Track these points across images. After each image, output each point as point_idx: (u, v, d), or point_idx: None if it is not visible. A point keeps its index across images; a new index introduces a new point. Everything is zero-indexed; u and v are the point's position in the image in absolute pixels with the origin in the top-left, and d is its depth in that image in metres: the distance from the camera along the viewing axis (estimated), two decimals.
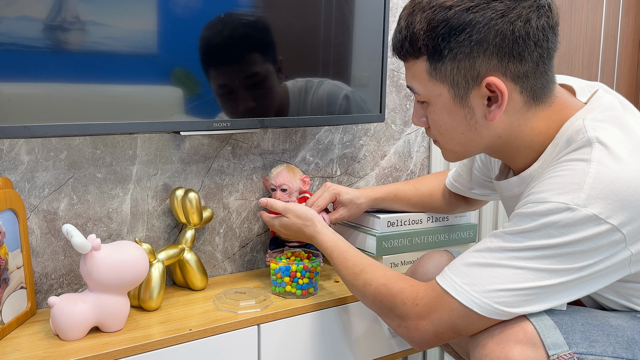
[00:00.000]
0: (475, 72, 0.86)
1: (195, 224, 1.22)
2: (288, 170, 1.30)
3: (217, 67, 1.18)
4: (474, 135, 0.91)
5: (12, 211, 1.04)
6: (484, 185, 1.24)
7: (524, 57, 0.85)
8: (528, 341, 0.82)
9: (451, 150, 0.97)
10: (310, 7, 1.28)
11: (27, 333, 1.03)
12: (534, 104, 0.89)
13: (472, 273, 0.85)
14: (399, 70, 1.59)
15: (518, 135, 0.91)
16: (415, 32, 0.87)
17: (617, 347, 0.84)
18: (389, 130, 1.60)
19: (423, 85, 0.91)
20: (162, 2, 1.09)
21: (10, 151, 1.09)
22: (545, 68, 0.88)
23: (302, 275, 1.18)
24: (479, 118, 0.89)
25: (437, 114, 0.92)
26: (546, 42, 0.86)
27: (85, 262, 1.00)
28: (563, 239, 0.80)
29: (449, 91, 0.88)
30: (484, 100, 0.88)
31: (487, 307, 0.83)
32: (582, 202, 0.79)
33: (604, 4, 2.20)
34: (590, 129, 0.84)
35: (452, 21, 0.84)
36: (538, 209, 0.82)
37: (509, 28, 0.83)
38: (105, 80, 1.06)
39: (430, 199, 1.34)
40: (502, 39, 0.83)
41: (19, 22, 0.97)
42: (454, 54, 0.85)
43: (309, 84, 1.32)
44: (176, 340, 1.01)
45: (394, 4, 1.55)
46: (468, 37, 0.84)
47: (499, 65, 0.85)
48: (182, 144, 1.27)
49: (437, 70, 0.88)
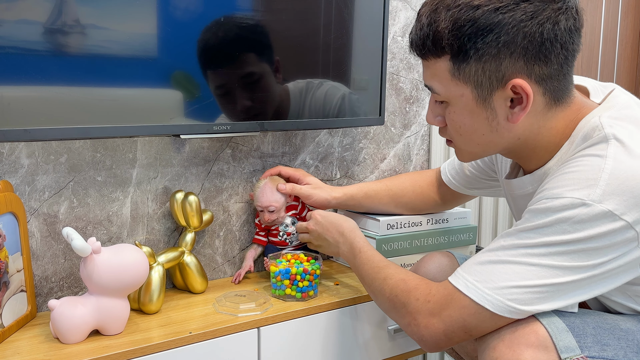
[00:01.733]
0: (500, 73, 0.84)
1: (195, 227, 1.22)
2: (271, 187, 1.27)
3: (216, 70, 1.18)
4: (494, 136, 0.90)
5: (13, 214, 1.04)
6: (480, 183, 1.23)
7: (550, 59, 0.83)
8: (540, 344, 0.81)
9: (468, 152, 0.95)
10: (310, 11, 1.29)
11: (27, 336, 1.03)
12: (554, 105, 0.88)
13: (484, 270, 0.84)
14: (399, 73, 1.59)
15: (537, 137, 0.90)
16: (440, 30, 0.85)
17: (628, 351, 0.83)
18: (389, 133, 1.60)
19: (444, 85, 0.89)
20: (161, 5, 1.10)
21: (11, 154, 1.09)
22: (568, 70, 0.87)
23: (302, 278, 1.18)
24: (501, 120, 0.88)
25: (458, 115, 0.90)
26: (572, 45, 0.85)
27: (86, 265, 1.00)
28: (577, 234, 0.79)
29: (472, 92, 0.87)
30: (507, 102, 0.86)
31: (499, 305, 0.82)
32: (597, 197, 0.78)
33: (603, 6, 2.20)
34: (607, 126, 0.83)
35: (480, 21, 0.82)
36: (552, 205, 0.80)
37: (537, 30, 0.82)
38: (105, 84, 1.06)
39: (403, 199, 1.32)
40: (531, 41, 0.82)
41: (19, 26, 0.97)
42: (480, 55, 0.83)
43: (310, 85, 1.32)
44: (176, 344, 1.01)
45: (394, 7, 1.55)
46: (496, 39, 0.82)
47: (524, 67, 0.83)
48: (182, 147, 1.27)
49: (460, 70, 0.86)
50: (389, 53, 1.55)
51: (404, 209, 1.34)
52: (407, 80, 1.61)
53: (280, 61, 1.25)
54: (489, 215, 1.83)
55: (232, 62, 1.19)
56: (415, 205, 1.34)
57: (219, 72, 1.18)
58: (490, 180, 1.21)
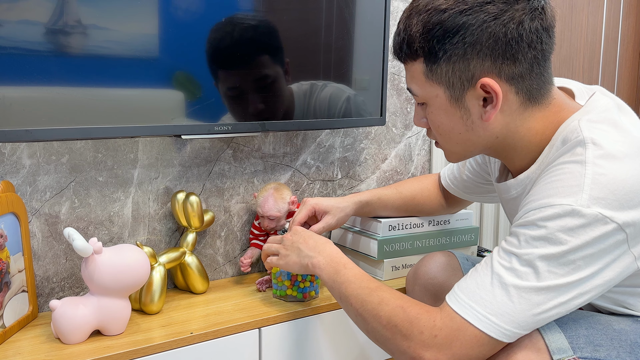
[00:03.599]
0: (469, 73, 0.87)
1: (197, 228, 1.22)
2: (276, 196, 1.26)
3: (217, 72, 1.18)
4: (471, 135, 0.92)
5: (14, 215, 1.04)
6: (478, 188, 1.23)
7: (517, 58, 0.85)
8: (532, 346, 0.81)
9: (452, 152, 0.98)
10: (311, 11, 1.29)
11: (29, 336, 1.03)
12: (530, 105, 0.89)
13: (495, 301, 0.81)
14: (400, 73, 1.59)
15: (515, 136, 0.91)
16: (412, 34, 0.89)
17: (620, 352, 0.84)
18: (390, 133, 1.60)
19: (420, 86, 0.92)
20: (163, 6, 1.10)
21: (12, 155, 1.09)
22: (541, 69, 0.88)
23: (304, 278, 1.18)
24: (475, 118, 0.90)
25: (435, 115, 0.93)
26: (540, 44, 0.86)
27: (87, 266, 1.00)
28: (574, 242, 0.78)
29: (445, 92, 0.90)
30: (479, 101, 0.88)
31: (514, 336, 0.82)
32: (585, 202, 0.78)
33: (605, 7, 2.20)
34: (585, 130, 0.84)
35: (446, 24, 0.85)
36: (544, 215, 0.80)
37: (501, 30, 0.84)
38: (106, 84, 1.06)
39: (414, 202, 1.33)
40: (495, 41, 0.84)
41: (21, 26, 0.97)
42: (448, 55, 0.87)
43: (314, 87, 1.32)
44: (177, 344, 1.01)
45: (395, 7, 1.55)
46: (462, 39, 0.85)
47: (492, 66, 0.86)
48: (183, 147, 1.27)
49: (432, 71, 0.89)
50: (390, 53, 1.55)
51: (414, 212, 1.35)
52: None
53: (281, 62, 1.25)
54: (490, 216, 1.83)
55: (232, 64, 1.19)
56: (424, 208, 1.35)
57: (219, 74, 1.18)
58: (486, 184, 1.21)
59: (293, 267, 1.06)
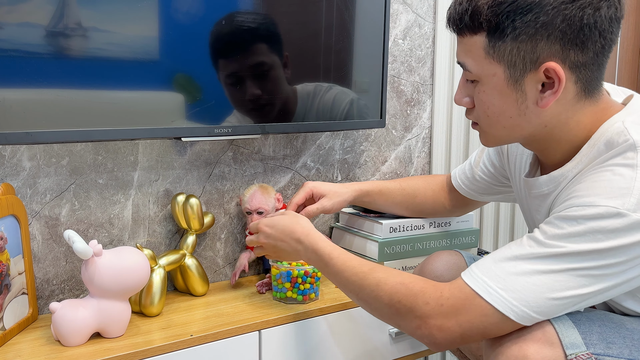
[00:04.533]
0: (535, 55, 0.83)
1: (197, 230, 1.22)
2: (262, 192, 1.28)
3: (218, 74, 1.18)
4: (521, 120, 0.88)
5: (14, 217, 1.04)
6: (490, 189, 1.22)
7: (587, 46, 0.82)
8: (546, 340, 0.80)
9: (493, 135, 0.93)
10: (311, 14, 1.29)
11: (29, 339, 1.03)
12: (584, 97, 0.86)
13: (510, 279, 0.81)
14: (400, 76, 1.59)
15: (563, 128, 0.88)
16: (479, 5, 0.83)
17: (633, 350, 0.83)
18: (390, 135, 1.60)
19: (477, 62, 0.87)
20: (163, 8, 1.10)
21: (12, 157, 1.10)
22: (603, 60, 0.85)
23: (304, 280, 1.18)
24: (530, 103, 0.86)
25: (487, 95, 0.88)
26: (610, 34, 0.83)
27: (87, 268, 1.00)
28: (611, 243, 0.77)
29: (505, 72, 0.85)
30: (538, 86, 0.85)
31: (524, 316, 0.80)
32: (632, 207, 0.77)
33: None
34: (634, 133, 0.82)
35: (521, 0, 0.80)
36: (586, 213, 0.78)
37: (578, 14, 0.80)
38: (106, 87, 1.06)
39: (415, 200, 1.31)
40: (569, 25, 0.80)
41: (21, 29, 0.97)
42: (516, 33, 0.82)
43: (318, 89, 1.32)
44: (177, 346, 1.01)
45: (394, 10, 1.55)
46: (534, 18, 0.81)
47: (560, 51, 0.82)
48: (183, 149, 1.28)
49: (495, 48, 0.84)
50: (390, 56, 1.55)
51: (414, 211, 1.33)
52: (408, 83, 1.61)
53: (282, 64, 1.26)
54: (490, 219, 1.82)
55: (232, 65, 1.19)
56: (425, 208, 1.33)
57: (219, 76, 1.19)
58: (500, 186, 1.20)
59: (289, 261, 1.14)
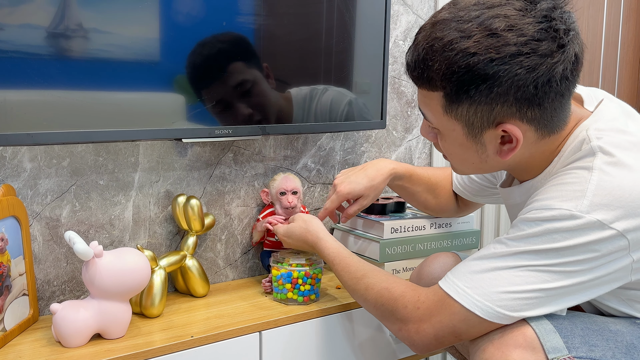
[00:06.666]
0: (492, 117, 0.84)
1: (197, 231, 1.23)
2: (292, 176, 1.31)
3: (218, 75, 1.18)
4: (484, 165, 0.92)
5: (15, 218, 1.04)
6: (484, 191, 1.23)
7: (543, 104, 0.83)
8: (528, 345, 0.82)
9: (460, 170, 0.99)
10: (311, 15, 1.29)
11: (29, 340, 1.03)
12: (547, 136, 0.88)
13: (475, 277, 0.85)
14: (400, 77, 1.59)
15: (528, 160, 0.91)
16: (434, 70, 0.83)
17: (616, 352, 0.84)
18: (390, 136, 1.60)
19: (436, 117, 0.89)
20: (164, 10, 1.10)
21: (13, 158, 1.10)
22: (564, 104, 0.86)
23: (304, 281, 1.18)
24: (491, 153, 0.89)
25: (449, 144, 0.92)
26: (567, 90, 0.84)
27: (88, 269, 1.00)
28: (567, 242, 0.81)
29: (463, 129, 0.87)
30: (497, 140, 0.87)
31: (488, 311, 0.84)
32: (585, 208, 0.80)
33: (605, 11, 2.21)
34: (594, 138, 0.85)
35: (475, 70, 0.80)
36: (542, 215, 0.82)
37: (532, 83, 0.80)
38: (107, 88, 1.06)
39: (434, 192, 1.31)
40: (524, 92, 0.81)
41: (22, 30, 0.98)
42: (472, 100, 0.83)
43: (314, 91, 1.32)
44: (178, 347, 1.01)
45: (395, 11, 1.55)
46: (489, 88, 0.81)
47: (517, 112, 0.83)
48: (184, 151, 1.28)
49: (452, 109, 0.85)
50: (390, 57, 1.55)
51: (427, 204, 1.32)
52: (409, 84, 1.61)
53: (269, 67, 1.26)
54: (491, 220, 1.83)
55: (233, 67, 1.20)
56: (440, 202, 1.32)
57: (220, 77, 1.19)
58: (492, 188, 1.21)
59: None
